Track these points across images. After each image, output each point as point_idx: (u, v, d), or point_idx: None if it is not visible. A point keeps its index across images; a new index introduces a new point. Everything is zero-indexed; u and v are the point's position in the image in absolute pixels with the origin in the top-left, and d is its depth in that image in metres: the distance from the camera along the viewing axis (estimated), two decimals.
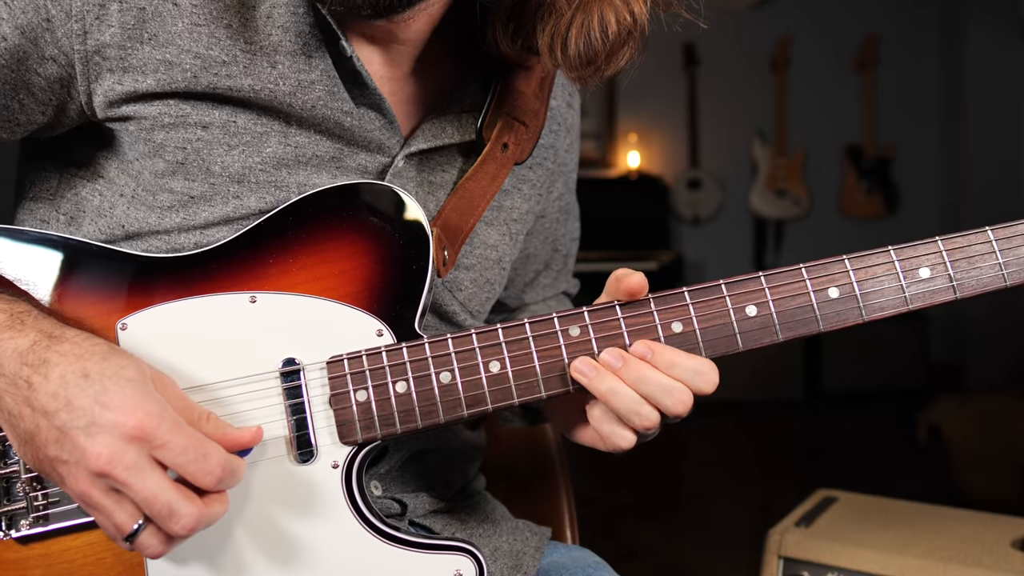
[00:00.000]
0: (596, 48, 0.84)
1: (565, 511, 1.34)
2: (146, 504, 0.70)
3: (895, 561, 1.64)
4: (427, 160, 0.97)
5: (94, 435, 0.69)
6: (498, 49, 0.93)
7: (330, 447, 0.83)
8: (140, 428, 0.69)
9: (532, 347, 0.83)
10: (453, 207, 0.95)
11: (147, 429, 0.69)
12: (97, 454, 0.68)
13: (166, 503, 0.70)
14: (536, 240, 1.14)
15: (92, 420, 0.69)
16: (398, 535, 0.83)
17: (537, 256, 1.15)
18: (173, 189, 0.86)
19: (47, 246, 0.85)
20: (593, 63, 0.85)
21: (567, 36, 0.84)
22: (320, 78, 0.87)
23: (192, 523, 0.71)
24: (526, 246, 1.12)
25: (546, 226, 1.14)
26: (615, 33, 0.84)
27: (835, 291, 0.84)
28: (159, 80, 0.83)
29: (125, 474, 0.69)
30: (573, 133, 1.14)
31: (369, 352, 0.83)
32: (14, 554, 0.82)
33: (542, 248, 1.15)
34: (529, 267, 1.16)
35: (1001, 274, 0.85)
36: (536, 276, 1.17)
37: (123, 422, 0.69)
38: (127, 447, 0.69)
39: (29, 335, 0.74)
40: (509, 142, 0.97)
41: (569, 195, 1.17)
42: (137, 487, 0.69)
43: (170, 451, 0.70)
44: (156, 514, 0.70)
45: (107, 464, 0.68)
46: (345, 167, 0.91)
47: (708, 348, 0.83)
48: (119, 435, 0.69)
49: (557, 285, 1.21)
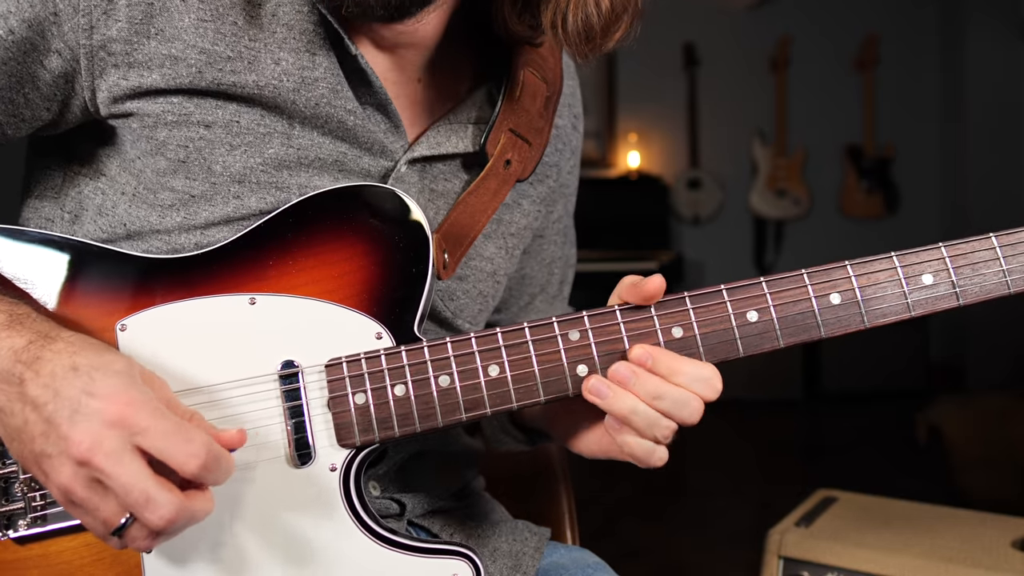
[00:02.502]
0: (593, 24, 0.86)
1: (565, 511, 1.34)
2: (124, 492, 0.68)
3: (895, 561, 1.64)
4: (430, 168, 0.97)
5: (77, 422, 0.69)
6: (507, 28, 0.94)
7: (328, 450, 0.83)
8: (121, 414, 0.69)
9: (531, 351, 0.83)
10: (454, 221, 0.95)
11: (128, 414, 0.69)
12: (79, 440, 0.68)
13: (143, 491, 0.68)
14: (533, 261, 1.13)
15: (76, 408, 0.69)
16: (396, 539, 0.83)
17: (534, 278, 1.14)
18: (174, 188, 0.87)
19: (48, 246, 0.85)
20: (591, 39, 0.88)
21: (566, 12, 0.87)
22: (324, 75, 0.87)
23: (171, 514, 0.69)
24: (523, 266, 1.12)
25: (544, 247, 1.13)
26: (608, 9, 0.86)
27: (837, 297, 0.84)
28: (164, 75, 0.83)
29: (104, 461, 0.68)
30: (576, 156, 1.14)
31: (368, 355, 0.83)
32: (12, 555, 0.82)
33: (539, 270, 1.14)
34: (525, 289, 1.14)
35: (1005, 281, 0.85)
36: (531, 300, 1.16)
37: (106, 408, 0.69)
38: (108, 433, 0.68)
39: (26, 335, 0.74)
40: (512, 159, 0.98)
41: (568, 219, 1.17)
42: (115, 474, 0.68)
43: (152, 435, 0.69)
44: (133, 503, 0.69)
45: (87, 451, 0.68)
46: (347, 170, 0.91)
47: (708, 353, 0.83)
48: (101, 421, 0.68)
49: (553, 311, 1.20)
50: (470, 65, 1.00)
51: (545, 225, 1.11)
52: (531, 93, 0.99)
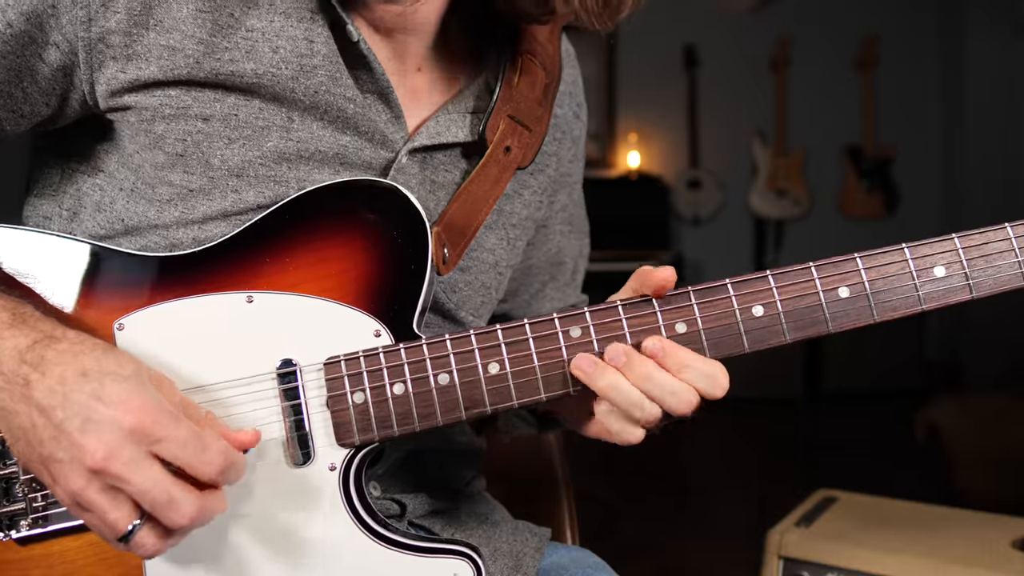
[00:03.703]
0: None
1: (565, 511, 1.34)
2: (146, 496, 0.69)
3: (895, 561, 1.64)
4: (431, 159, 0.96)
5: (91, 432, 0.68)
6: (513, 4, 0.93)
7: (327, 449, 0.82)
8: (139, 423, 0.69)
9: (532, 348, 0.82)
10: (456, 210, 0.94)
11: (145, 424, 0.69)
12: (94, 450, 0.68)
13: (165, 491, 0.69)
14: (539, 251, 1.13)
15: (88, 416, 0.68)
16: (395, 538, 0.82)
17: (540, 268, 1.14)
18: (172, 182, 0.86)
19: (45, 245, 0.84)
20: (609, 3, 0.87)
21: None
22: (323, 63, 0.87)
23: (193, 512, 0.70)
24: (528, 256, 1.12)
25: (549, 237, 1.13)
26: None
27: (845, 290, 0.82)
28: (162, 67, 0.83)
29: (123, 469, 0.68)
30: (579, 145, 1.13)
31: (366, 353, 0.82)
32: (14, 555, 0.81)
33: (544, 260, 1.14)
34: (533, 278, 1.14)
35: (1020, 272, 0.82)
36: (542, 287, 1.16)
37: (120, 417, 0.68)
38: (124, 442, 0.68)
39: (30, 335, 0.74)
40: (512, 145, 0.97)
41: (576, 208, 1.16)
42: (136, 480, 0.68)
43: (170, 444, 0.70)
44: (156, 504, 0.69)
45: (103, 460, 0.68)
46: (349, 163, 0.91)
47: (712, 349, 0.82)
48: (116, 430, 0.68)
49: (565, 299, 1.20)
50: (469, 55, 1.00)
51: (549, 215, 1.11)
52: (530, 80, 0.98)
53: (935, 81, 5.79)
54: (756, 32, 5.74)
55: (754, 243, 5.88)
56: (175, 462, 0.70)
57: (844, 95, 5.78)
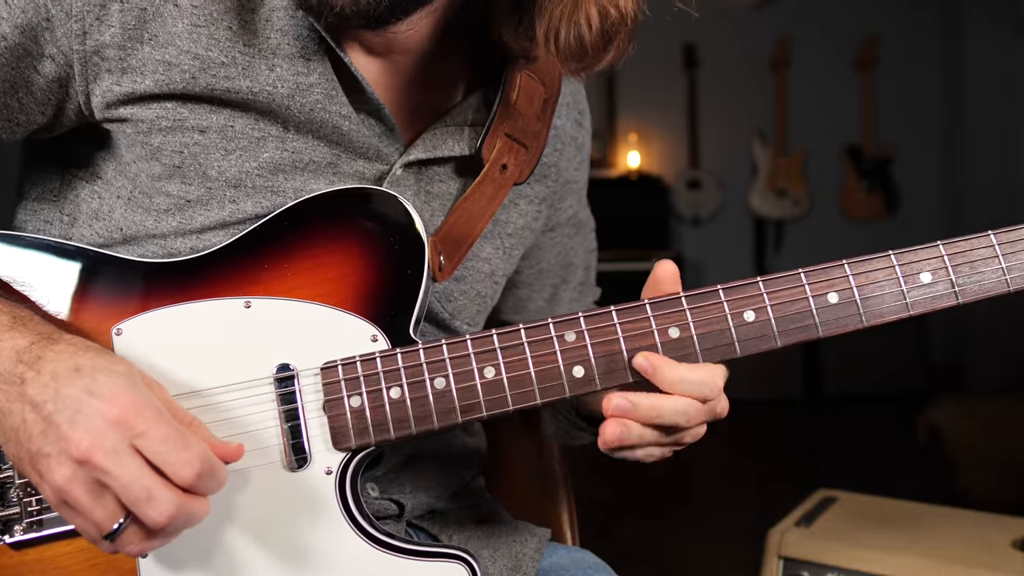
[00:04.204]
0: (585, 42, 0.85)
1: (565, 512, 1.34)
2: (125, 490, 0.68)
3: (895, 561, 1.64)
4: (426, 171, 0.97)
5: (79, 423, 0.68)
6: (502, 41, 0.94)
7: (324, 453, 0.82)
8: (122, 415, 0.69)
9: (527, 353, 0.83)
10: (452, 225, 0.95)
11: (128, 416, 0.69)
12: (79, 440, 0.68)
13: (145, 487, 0.68)
14: (548, 255, 1.13)
15: (78, 408, 0.69)
16: (392, 542, 0.83)
17: (551, 271, 1.14)
18: (170, 192, 0.86)
19: (44, 251, 0.84)
20: (583, 56, 0.87)
21: (559, 29, 0.85)
22: (318, 81, 0.87)
23: (172, 511, 0.69)
24: (538, 260, 1.12)
25: (557, 240, 1.13)
26: (598, 29, 0.85)
27: (835, 296, 0.84)
28: (157, 81, 0.83)
29: (104, 460, 0.68)
30: (583, 152, 1.13)
31: (363, 358, 0.83)
32: (8, 560, 0.81)
33: (555, 263, 1.14)
34: (545, 281, 1.15)
35: (1004, 279, 0.84)
36: (556, 291, 1.16)
37: (108, 410, 0.69)
38: (108, 432, 0.68)
39: (28, 336, 0.74)
40: (509, 163, 0.97)
41: (581, 209, 1.17)
42: (117, 473, 0.68)
43: (150, 439, 0.69)
44: (134, 499, 0.68)
45: (88, 450, 0.68)
46: (342, 173, 0.91)
47: (705, 354, 0.83)
48: (101, 420, 0.68)
49: (583, 299, 1.20)
50: (466, 68, 1.00)
51: (556, 221, 1.11)
52: (528, 96, 0.98)
53: (935, 81, 5.78)
54: (756, 32, 5.73)
55: (754, 243, 5.87)
56: (154, 459, 0.70)
57: (844, 95, 5.77)
